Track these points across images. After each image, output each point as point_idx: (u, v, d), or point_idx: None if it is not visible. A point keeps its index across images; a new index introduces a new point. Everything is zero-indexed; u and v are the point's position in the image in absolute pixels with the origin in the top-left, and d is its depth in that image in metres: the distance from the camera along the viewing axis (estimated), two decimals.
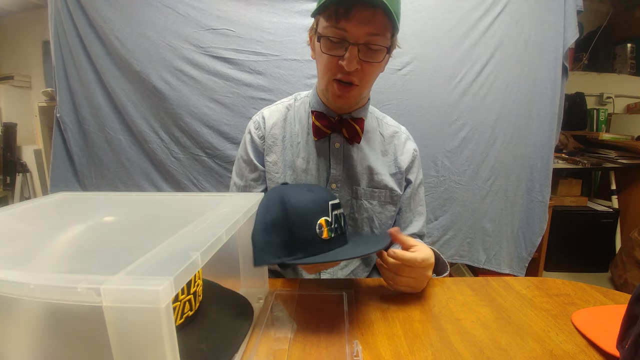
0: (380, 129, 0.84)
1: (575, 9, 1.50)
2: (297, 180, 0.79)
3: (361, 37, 0.64)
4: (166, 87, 1.44)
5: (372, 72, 0.70)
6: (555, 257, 2.07)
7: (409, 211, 0.85)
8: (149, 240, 0.33)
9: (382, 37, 0.65)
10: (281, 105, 0.85)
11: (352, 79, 0.68)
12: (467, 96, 1.53)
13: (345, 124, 0.77)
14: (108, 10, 1.41)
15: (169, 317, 0.24)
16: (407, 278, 0.59)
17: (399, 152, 0.83)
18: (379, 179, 0.80)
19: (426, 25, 1.47)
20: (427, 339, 0.48)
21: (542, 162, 1.61)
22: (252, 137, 0.82)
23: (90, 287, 0.23)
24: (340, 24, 0.63)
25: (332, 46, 0.66)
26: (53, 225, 0.45)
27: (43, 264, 0.32)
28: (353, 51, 0.64)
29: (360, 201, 0.80)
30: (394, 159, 0.83)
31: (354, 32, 0.63)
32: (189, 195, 0.68)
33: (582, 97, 2.30)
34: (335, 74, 0.68)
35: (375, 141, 0.82)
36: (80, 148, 1.53)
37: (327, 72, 0.69)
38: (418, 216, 0.86)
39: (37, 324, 0.26)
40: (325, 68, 0.69)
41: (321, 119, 0.77)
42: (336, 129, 0.77)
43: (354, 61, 0.65)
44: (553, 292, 0.62)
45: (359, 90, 0.71)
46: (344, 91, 0.70)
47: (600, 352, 0.45)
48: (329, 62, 0.68)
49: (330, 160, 0.79)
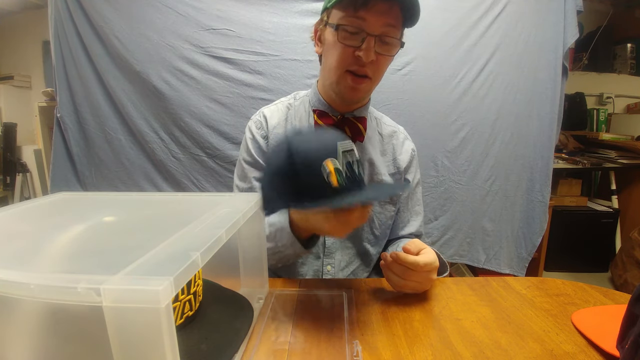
0: (379, 129, 0.84)
1: (575, 9, 1.51)
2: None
3: (378, 28, 0.64)
4: (166, 87, 1.44)
5: (384, 65, 0.71)
6: (555, 257, 2.07)
7: (407, 211, 0.85)
8: (149, 240, 0.33)
9: (397, 29, 0.66)
10: (281, 104, 0.84)
11: (366, 71, 0.68)
12: (467, 96, 1.53)
13: (347, 122, 0.76)
14: (108, 10, 1.41)
15: (169, 317, 0.24)
16: (412, 282, 0.59)
17: (397, 151, 0.83)
18: (379, 179, 0.80)
19: (426, 25, 1.47)
20: (427, 339, 0.48)
21: (542, 162, 1.61)
22: (254, 136, 0.80)
23: (90, 287, 0.23)
24: (359, 14, 0.63)
25: (349, 36, 0.66)
26: (53, 225, 0.45)
27: (43, 264, 0.32)
28: (370, 42, 0.64)
29: None
30: (393, 158, 0.82)
31: (372, 22, 0.64)
32: (189, 195, 0.68)
33: (582, 97, 2.30)
34: (350, 65, 0.68)
35: (374, 141, 0.82)
36: (81, 148, 1.53)
37: (342, 63, 0.68)
38: (415, 216, 0.86)
39: (37, 324, 0.26)
40: (339, 58, 0.68)
41: (323, 118, 0.76)
42: (339, 128, 0.77)
43: (371, 52, 0.65)
44: (553, 292, 0.62)
45: (371, 84, 0.71)
46: (357, 83, 0.69)
47: (600, 352, 0.45)
48: (344, 53, 0.67)
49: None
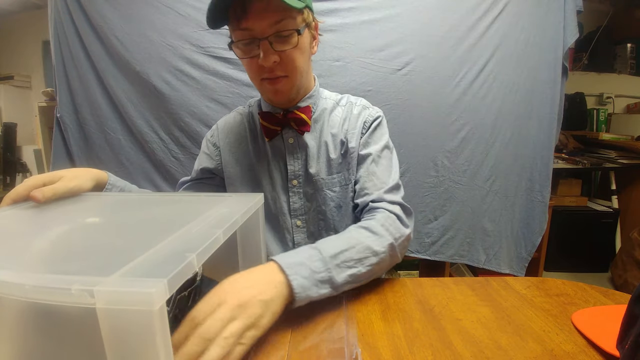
0: (336, 112, 0.81)
1: (575, 9, 1.50)
2: (257, 184, 0.80)
3: (266, 29, 0.63)
4: (166, 87, 1.44)
5: (295, 58, 0.68)
6: (555, 257, 2.07)
7: (368, 178, 0.74)
8: (147, 240, 0.33)
9: (287, 20, 0.64)
10: (235, 112, 0.87)
11: (276, 73, 0.68)
12: (467, 96, 1.52)
13: (291, 115, 0.76)
14: (108, 10, 1.40)
15: (163, 319, 0.24)
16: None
17: (352, 126, 0.79)
18: (335, 164, 0.78)
19: (426, 25, 1.47)
20: (427, 339, 0.48)
21: (542, 162, 1.61)
22: (207, 144, 0.86)
23: (83, 288, 0.23)
24: (242, 25, 0.63)
25: (246, 49, 0.66)
26: (51, 225, 0.45)
27: (38, 264, 0.32)
28: (265, 46, 0.64)
29: (323, 192, 0.78)
30: (346, 135, 0.78)
31: (257, 28, 0.63)
32: (188, 196, 0.68)
33: (582, 97, 2.30)
34: (261, 74, 0.68)
35: (329, 126, 0.80)
36: (80, 148, 1.53)
37: (254, 75, 0.70)
38: (376, 181, 0.73)
39: (29, 325, 0.26)
40: (250, 72, 0.70)
41: (267, 118, 0.77)
42: (285, 124, 0.77)
43: (269, 55, 0.64)
44: (553, 292, 0.62)
45: (290, 81, 0.70)
46: (275, 85, 0.69)
47: (600, 352, 0.45)
48: (250, 66, 0.68)
49: (287, 156, 0.79)
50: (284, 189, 0.80)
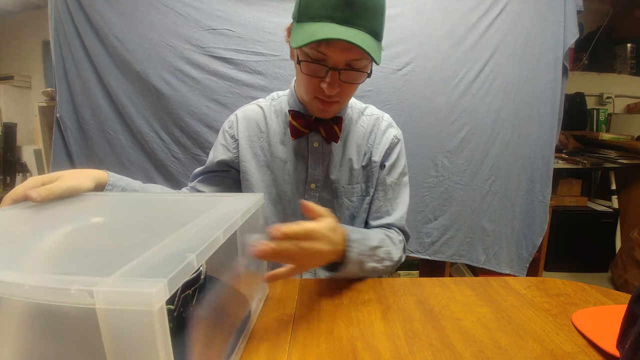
0: (361, 122, 0.82)
1: (575, 9, 1.50)
2: (275, 181, 0.80)
3: (341, 63, 0.63)
4: (166, 87, 1.44)
5: (353, 90, 0.71)
6: (555, 257, 2.07)
7: (386, 202, 0.81)
8: (147, 240, 0.33)
9: (363, 60, 0.64)
10: (255, 104, 0.85)
11: (331, 98, 0.68)
12: (467, 96, 1.53)
13: (322, 122, 0.76)
14: (108, 10, 1.41)
15: (163, 320, 0.24)
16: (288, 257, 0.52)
17: (377, 141, 0.81)
18: (357, 174, 0.79)
19: (426, 25, 1.47)
20: (427, 339, 0.48)
21: (542, 162, 1.61)
22: (224, 134, 0.83)
23: (83, 289, 0.23)
24: (321, 49, 0.62)
25: (313, 67, 0.65)
26: (50, 225, 0.45)
27: (38, 264, 0.32)
28: (334, 76, 0.64)
29: (341, 200, 0.79)
30: (371, 149, 0.81)
31: (333, 59, 0.63)
32: (189, 196, 0.68)
33: (582, 97, 2.30)
34: (316, 93, 0.68)
35: (354, 135, 0.81)
36: (80, 148, 1.53)
37: (309, 91, 0.70)
38: (396, 207, 0.82)
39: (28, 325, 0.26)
40: (306, 88, 0.70)
41: (298, 118, 0.77)
42: (314, 128, 0.77)
43: (335, 85, 0.64)
44: (553, 292, 0.62)
45: (340, 105, 0.72)
46: (326, 106, 0.70)
47: (600, 352, 0.45)
48: (310, 83, 0.67)
49: (309, 160, 0.78)
50: (301, 190, 0.80)
